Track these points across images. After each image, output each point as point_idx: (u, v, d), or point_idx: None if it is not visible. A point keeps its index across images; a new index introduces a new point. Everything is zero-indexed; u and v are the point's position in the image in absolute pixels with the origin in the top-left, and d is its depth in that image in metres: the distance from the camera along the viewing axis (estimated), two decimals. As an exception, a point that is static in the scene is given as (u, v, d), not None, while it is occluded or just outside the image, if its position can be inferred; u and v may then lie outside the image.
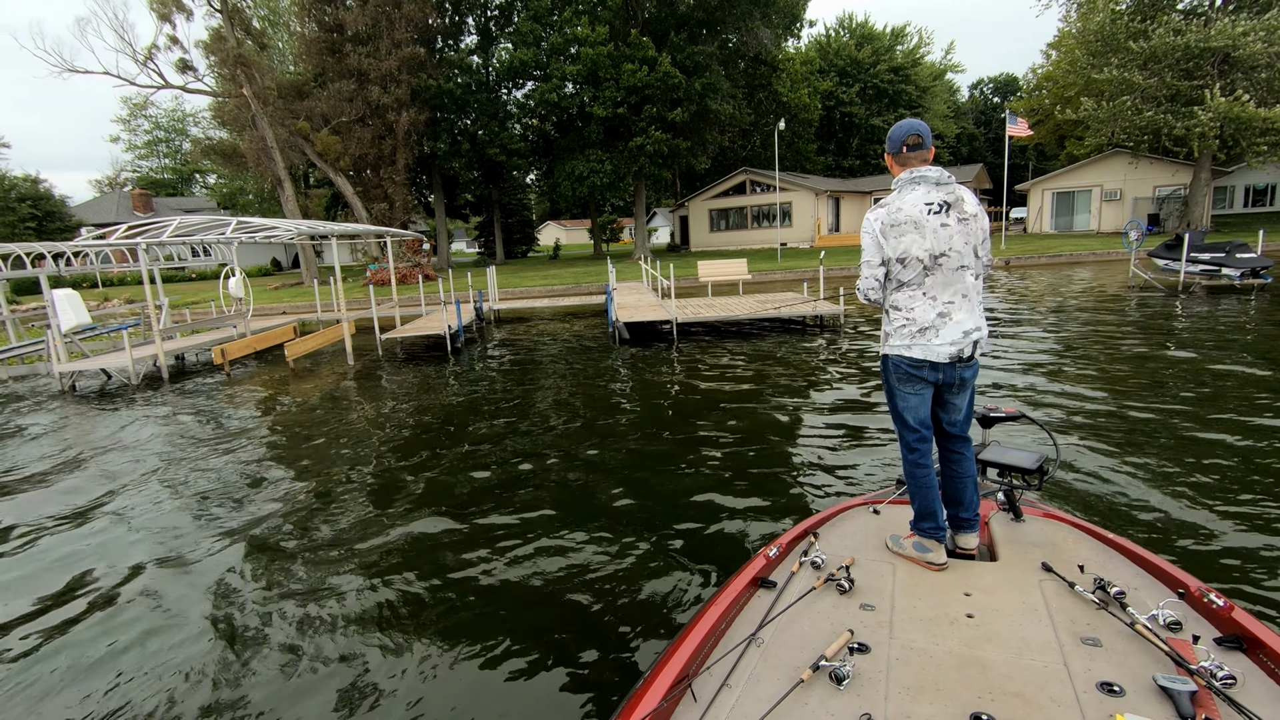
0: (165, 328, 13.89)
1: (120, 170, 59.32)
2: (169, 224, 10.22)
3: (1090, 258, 25.09)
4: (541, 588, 4.01)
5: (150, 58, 28.41)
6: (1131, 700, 1.87)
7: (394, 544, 4.68)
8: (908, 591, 2.57)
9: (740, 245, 38.13)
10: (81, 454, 7.39)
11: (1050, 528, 2.98)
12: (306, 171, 36.53)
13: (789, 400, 7.91)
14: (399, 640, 3.56)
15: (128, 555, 4.78)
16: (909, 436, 2.89)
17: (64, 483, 6.51)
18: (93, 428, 8.63)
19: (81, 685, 3.35)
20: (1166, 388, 7.42)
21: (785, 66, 40.21)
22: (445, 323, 12.86)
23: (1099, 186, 32.80)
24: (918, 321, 2.76)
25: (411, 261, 29.41)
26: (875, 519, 3.19)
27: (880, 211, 2.82)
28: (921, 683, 2.03)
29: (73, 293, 11.24)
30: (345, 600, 3.99)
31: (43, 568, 4.70)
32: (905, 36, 55.87)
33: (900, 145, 2.83)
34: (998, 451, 3.47)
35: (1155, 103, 26.45)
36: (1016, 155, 57.94)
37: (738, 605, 2.49)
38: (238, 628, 3.76)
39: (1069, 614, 2.33)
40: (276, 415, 8.80)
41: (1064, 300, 15.14)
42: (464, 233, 63.66)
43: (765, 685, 2.04)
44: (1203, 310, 12.52)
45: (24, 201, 38.00)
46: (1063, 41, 31.16)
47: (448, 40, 34.72)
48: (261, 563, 4.55)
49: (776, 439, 6.53)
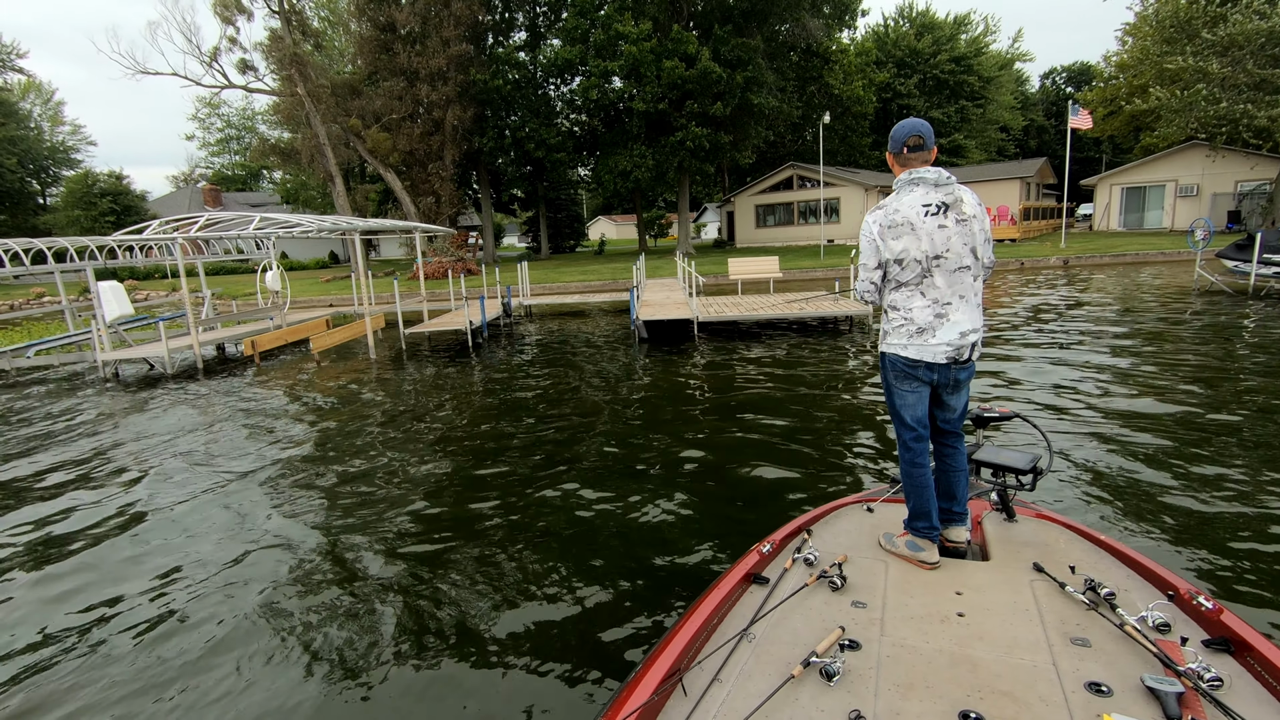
0: (208, 318, 14.49)
1: (195, 166, 62.57)
2: (199, 219, 10.65)
3: (1158, 257, 23.55)
4: (532, 587, 4.00)
5: (214, 59, 29.78)
6: (1119, 700, 1.89)
7: (363, 542, 4.70)
8: (899, 589, 2.59)
9: (786, 241, 37.42)
10: (83, 436, 7.75)
11: (1042, 528, 2.99)
12: (358, 167, 37.60)
13: (800, 398, 7.78)
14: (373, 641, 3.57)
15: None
16: (905, 435, 2.92)
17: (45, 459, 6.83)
18: (110, 413, 9.04)
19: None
20: (1197, 393, 7.02)
21: (838, 58, 39.13)
22: (467, 319, 12.99)
23: (1173, 181, 30.77)
24: (915, 322, 2.78)
25: (455, 256, 29.97)
26: (869, 517, 3.22)
27: (878, 213, 2.82)
28: (911, 680, 2.04)
29: (117, 285, 11.82)
30: (321, 593, 4.02)
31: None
32: (969, 25, 53.64)
33: (901, 146, 2.83)
34: (991, 451, 3.46)
35: (1236, 91, 24.56)
36: (1091, 148, 54.96)
37: (730, 601, 2.50)
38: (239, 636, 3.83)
39: (1059, 614, 2.34)
40: (284, 408, 9.02)
41: (1114, 301, 14.20)
42: (515, 227, 64.62)
43: (756, 681, 2.05)
44: (1275, 314, 11.53)
45: (104, 197, 40.41)
46: (1140, 28, 29.25)
47: (498, 37, 35.17)
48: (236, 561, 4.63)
49: (775, 438, 6.43)
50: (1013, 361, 9.27)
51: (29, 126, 49.84)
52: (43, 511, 5.70)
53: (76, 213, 40.09)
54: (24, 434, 8.31)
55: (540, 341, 13.90)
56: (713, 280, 22.63)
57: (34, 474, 6.72)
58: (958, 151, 50.88)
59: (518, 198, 44.56)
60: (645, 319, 13.07)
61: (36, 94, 52.97)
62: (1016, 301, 15.52)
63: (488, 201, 38.93)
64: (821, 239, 33.65)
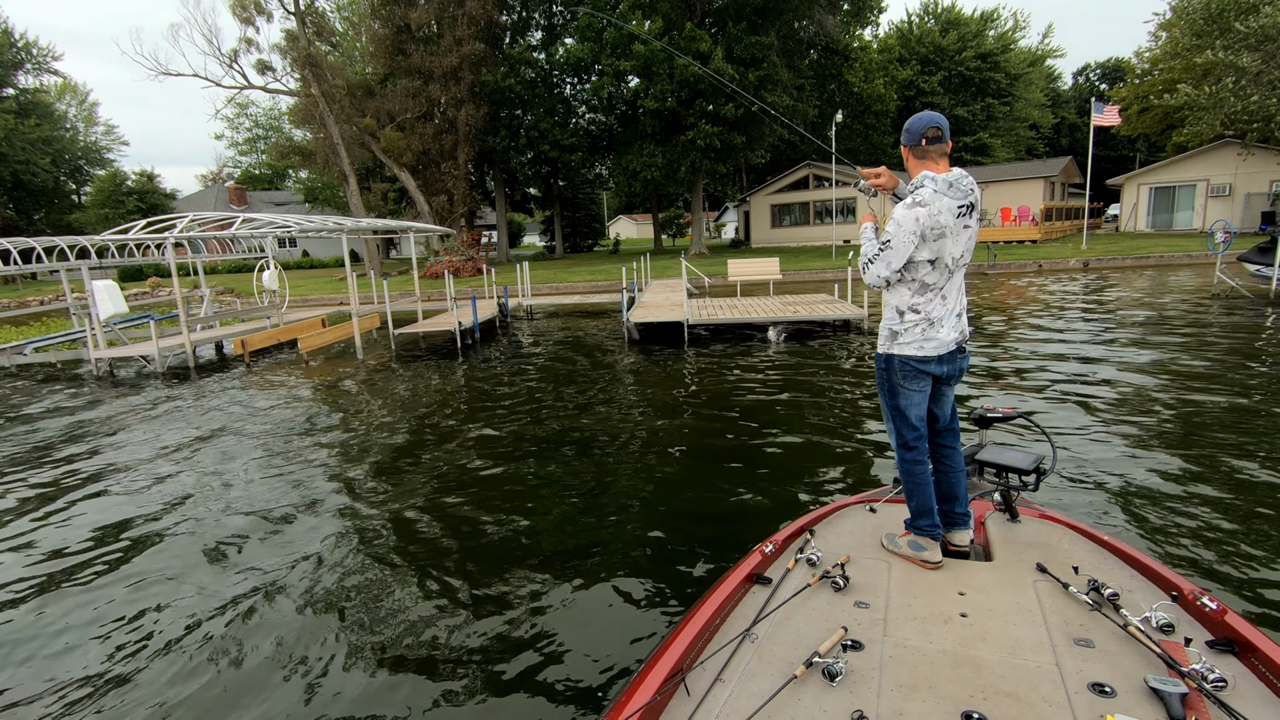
0: (207, 316, 14.63)
1: (223, 166, 63.79)
2: (184, 219, 10.74)
3: (1184, 260, 22.66)
4: (531, 588, 3.98)
5: (234, 60, 30.27)
6: (1123, 701, 1.88)
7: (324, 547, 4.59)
8: (902, 590, 2.58)
9: (802, 242, 36.90)
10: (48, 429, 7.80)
11: (1046, 529, 2.99)
12: (374, 167, 37.97)
13: (792, 400, 7.71)
14: (363, 640, 3.56)
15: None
16: (908, 435, 2.90)
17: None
18: (88, 409, 9.11)
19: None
20: (1195, 399, 6.85)
21: (859, 56, 38.44)
22: (456, 320, 12.92)
23: (1205, 181, 29.61)
24: (929, 318, 2.80)
25: (466, 255, 30.07)
26: (871, 517, 3.21)
27: (922, 211, 2.72)
28: (914, 681, 2.04)
29: (111, 283, 11.97)
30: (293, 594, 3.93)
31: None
32: (996, 20, 52.40)
33: (920, 138, 2.78)
34: (994, 452, 3.44)
35: (1270, 87, 23.54)
36: (1126, 147, 53.30)
37: (732, 601, 2.50)
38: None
39: (1062, 615, 2.33)
40: (260, 408, 9.00)
41: (1127, 305, 13.63)
42: (536, 226, 64.84)
43: (759, 681, 2.06)
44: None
45: (131, 195, 41.42)
46: (1176, 21, 28.20)
47: (516, 37, 35.19)
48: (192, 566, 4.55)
49: (773, 438, 6.41)
50: (1013, 359, 9.11)
51: (64, 127, 51.27)
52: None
53: (105, 211, 41.18)
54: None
55: (531, 343, 13.78)
56: (721, 281, 22.33)
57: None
58: (983, 150, 49.75)
59: (534, 197, 44.61)
60: (636, 321, 12.88)
61: (72, 95, 54.47)
62: (1029, 302, 15.01)
63: (502, 200, 39.02)
64: (840, 239, 33.08)
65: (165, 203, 44.94)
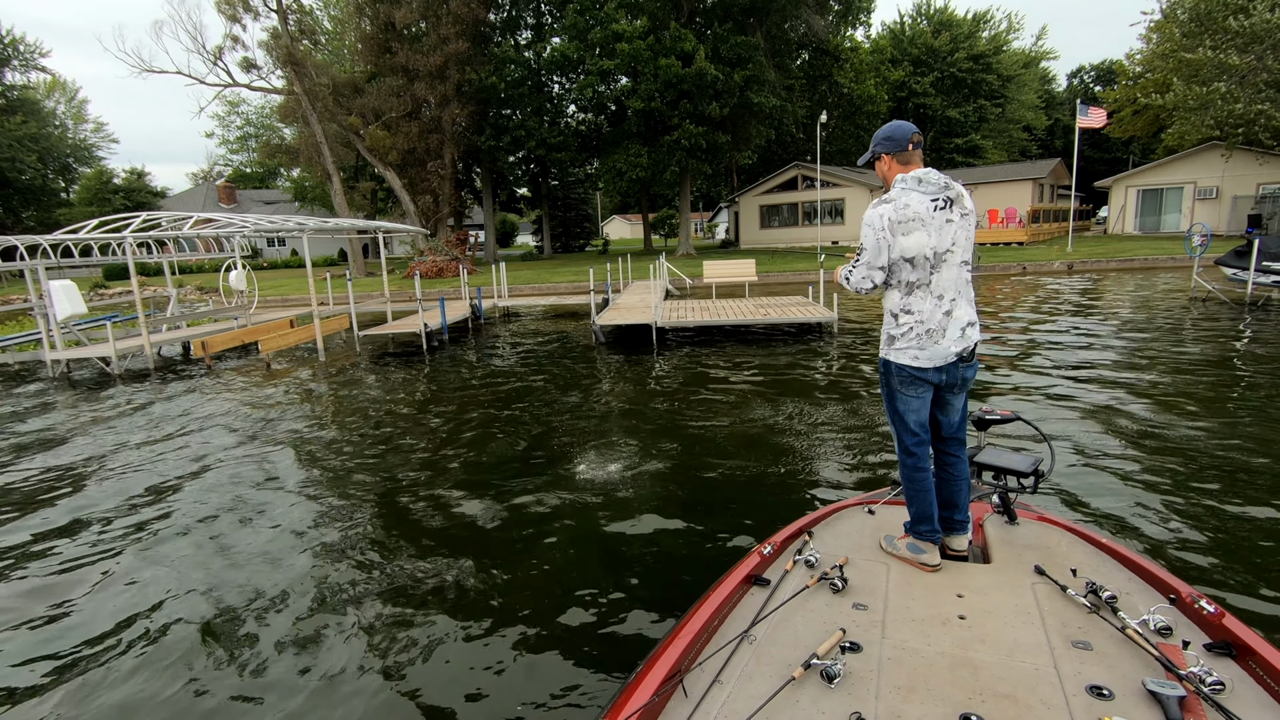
0: (173, 316, 14.44)
1: (213, 164, 63.51)
2: (137, 218, 10.56)
3: (1168, 262, 22.56)
4: (529, 590, 3.96)
5: (218, 57, 30.01)
6: (1120, 704, 1.88)
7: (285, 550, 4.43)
8: (901, 592, 2.58)
9: (791, 243, 36.75)
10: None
11: (1044, 531, 2.98)
12: (360, 165, 37.78)
13: (771, 405, 7.65)
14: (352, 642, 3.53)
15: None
16: (908, 440, 2.88)
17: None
18: (38, 413, 8.94)
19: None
20: (1177, 400, 7.03)
21: (850, 57, 38.29)
22: (422, 322, 12.75)
23: (1192, 183, 29.49)
24: (926, 324, 2.76)
25: (450, 255, 29.87)
26: (870, 519, 3.20)
27: (886, 208, 2.76)
28: (913, 682, 2.04)
29: (69, 284, 11.75)
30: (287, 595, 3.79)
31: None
32: (990, 21, 52.27)
33: (906, 143, 2.81)
34: (993, 454, 3.44)
35: (1255, 90, 23.43)
36: (1120, 149, 53.17)
37: (730, 602, 2.50)
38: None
39: (1061, 617, 2.33)
40: (210, 412, 8.83)
41: (1100, 308, 13.48)
42: (529, 225, 64.58)
43: (757, 682, 2.05)
44: (1266, 332, 10.78)
45: (118, 194, 41.21)
46: (1165, 24, 28.04)
47: (505, 34, 34.98)
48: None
49: (760, 444, 6.37)
50: (1007, 367, 9.06)
51: (53, 124, 51.00)
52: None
53: (92, 209, 40.95)
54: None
55: (500, 345, 13.60)
56: (699, 282, 22.17)
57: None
58: (974, 152, 49.65)
59: (524, 196, 44.42)
60: (604, 324, 12.71)
61: (61, 92, 54.19)
62: (1014, 305, 14.87)
63: (489, 199, 38.82)
64: (828, 240, 32.94)
65: (153, 201, 44.73)
